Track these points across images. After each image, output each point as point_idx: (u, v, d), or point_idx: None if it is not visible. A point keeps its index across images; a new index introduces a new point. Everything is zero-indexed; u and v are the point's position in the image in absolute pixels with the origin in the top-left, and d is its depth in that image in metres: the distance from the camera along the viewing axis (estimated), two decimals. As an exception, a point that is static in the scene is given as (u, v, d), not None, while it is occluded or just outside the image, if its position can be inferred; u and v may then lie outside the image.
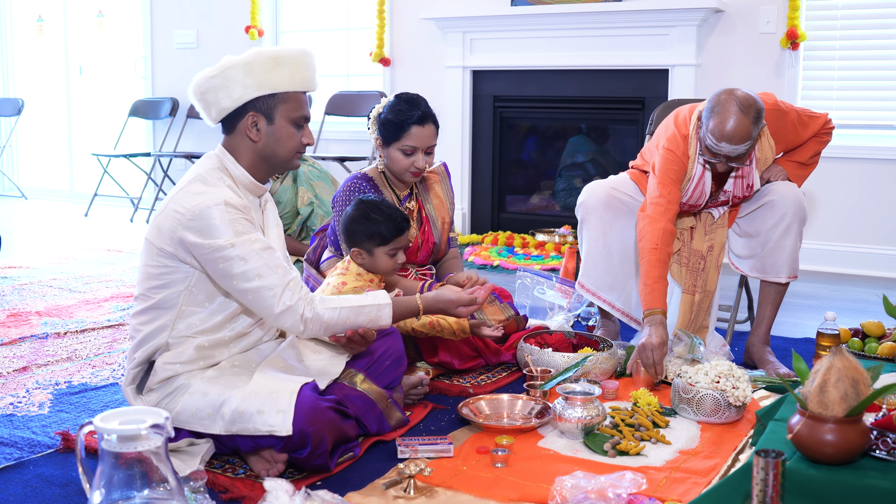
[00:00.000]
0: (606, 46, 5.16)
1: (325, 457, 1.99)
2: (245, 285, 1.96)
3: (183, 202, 1.97)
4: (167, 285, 2.03)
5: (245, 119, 2.05)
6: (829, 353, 1.64)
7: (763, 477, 1.45)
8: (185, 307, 2.05)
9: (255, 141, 2.07)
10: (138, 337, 2.08)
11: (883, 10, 4.59)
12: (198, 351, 2.06)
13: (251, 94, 2.03)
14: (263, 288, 1.97)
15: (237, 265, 1.95)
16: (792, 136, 2.87)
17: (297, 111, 2.09)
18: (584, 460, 2.11)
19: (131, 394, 2.10)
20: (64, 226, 6.31)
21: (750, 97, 2.60)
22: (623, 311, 3.04)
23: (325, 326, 2.06)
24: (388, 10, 5.87)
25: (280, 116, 2.07)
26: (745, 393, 2.33)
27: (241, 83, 2.02)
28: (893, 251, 4.59)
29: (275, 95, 2.05)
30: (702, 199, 2.87)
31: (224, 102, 2.04)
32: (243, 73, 2.01)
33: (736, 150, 2.61)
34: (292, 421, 1.93)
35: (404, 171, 2.78)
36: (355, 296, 2.15)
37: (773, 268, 2.87)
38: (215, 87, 2.03)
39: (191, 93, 2.08)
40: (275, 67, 2.03)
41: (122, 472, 1.36)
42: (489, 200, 5.73)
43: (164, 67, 6.94)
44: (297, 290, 2.01)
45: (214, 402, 1.99)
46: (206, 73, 2.04)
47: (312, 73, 2.13)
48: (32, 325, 3.41)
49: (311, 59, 2.13)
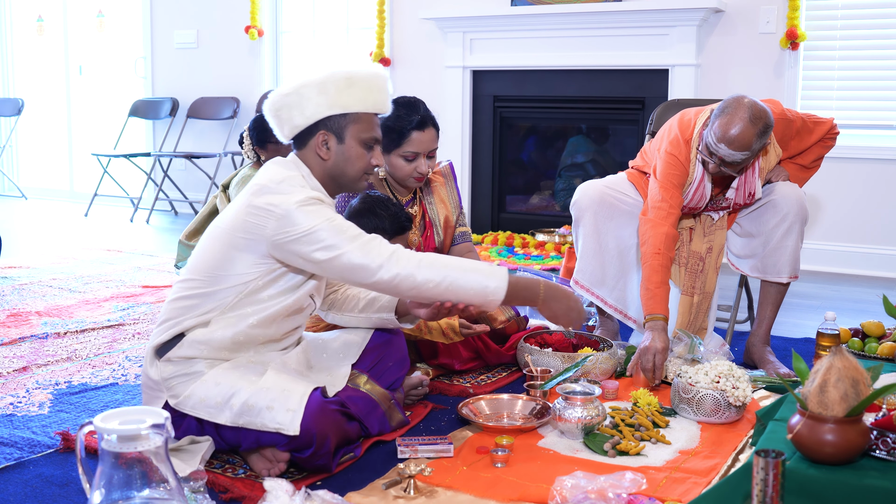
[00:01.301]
0: (606, 46, 5.16)
1: (327, 457, 1.99)
2: (329, 256, 1.95)
3: (270, 200, 1.97)
4: (235, 275, 2.03)
5: (316, 137, 2.08)
6: (829, 353, 1.64)
7: (763, 477, 1.45)
8: (244, 297, 2.05)
9: (324, 159, 2.10)
10: (183, 304, 2.06)
11: (883, 10, 4.59)
12: (232, 339, 2.05)
13: (323, 113, 2.06)
14: (347, 253, 1.95)
15: (325, 238, 1.94)
16: (796, 142, 2.88)
17: (368, 132, 2.11)
18: (584, 460, 2.11)
19: (150, 356, 2.08)
20: (64, 226, 6.31)
21: (763, 109, 2.60)
22: (616, 307, 3.04)
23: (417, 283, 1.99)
24: (388, 10, 5.87)
25: (350, 136, 2.09)
26: (745, 393, 2.33)
27: (314, 101, 2.05)
28: (893, 251, 4.59)
29: (346, 115, 2.08)
30: (702, 203, 2.86)
31: (297, 120, 2.07)
32: (317, 91, 2.04)
33: (732, 156, 2.61)
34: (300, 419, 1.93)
35: (407, 178, 2.74)
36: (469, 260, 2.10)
37: (775, 268, 2.87)
38: (289, 104, 2.06)
39: (266, 109, 2.11)
40: (348, 88, 2.06)
41: (122, 472, 1.36)
42: (489, 200, 5.73)
43: (164, 67, 6.94)
44: (382, 248, 1.98)
45: (225, 392, 2.00)
46: (282, 91, 2.08)
47: (385, 96, 2.14)
48: (32, 325, 3.41)
49: (384, 81, 2.14)
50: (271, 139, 3.72)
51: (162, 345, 2.07)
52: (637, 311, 3.04)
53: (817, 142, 2.90)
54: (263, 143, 3.74)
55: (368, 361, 2.29)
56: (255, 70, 6.54)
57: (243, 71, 6.58)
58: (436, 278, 1.99)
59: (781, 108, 2.84)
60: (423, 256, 2.01)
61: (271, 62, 6.55)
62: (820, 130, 2.88)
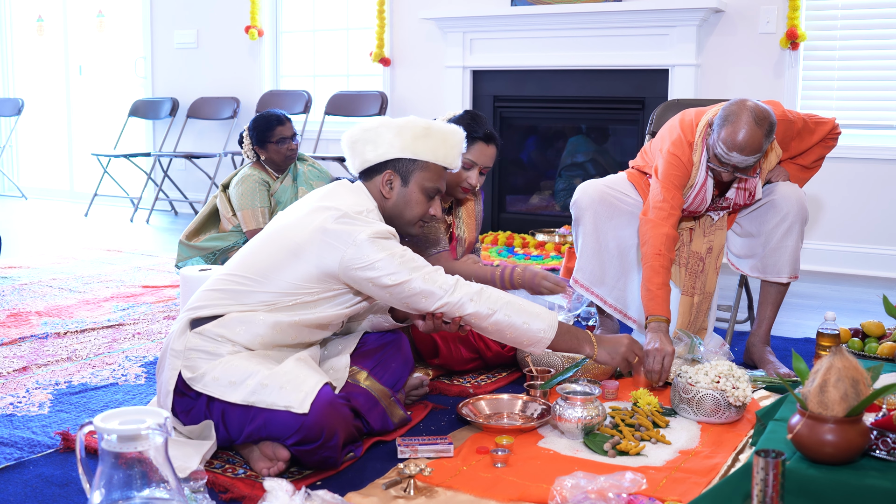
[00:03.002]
0: (606, 46, 5.16)
1: (335, 450, 1.99)
2: (396, 282, 2.04)
3: (351, 230, 2.04)
4: (288, 283, 2.08)
5: (383, 175, 2.17)
6: (829, 353, 1.64)
7: (763, 477, 1.45)
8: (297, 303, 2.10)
9: (386, 197, 2.18)
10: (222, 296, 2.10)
11: (883, 10, 4.59)
12: (269, 331, 2.08)
13: (394, 154, 2.15)
14: (414, 280, 2.04)
15: (388, 270, 2.03)
16: (797, 142, 2.88)
17: (433, 182, 2.19)
18: (584, 460, 2.11)
19: (181, 325, 2.10)
20: (64, 226, 6.31)
21: (765, 110, 2.60)
22: (616, 307, 3.04)
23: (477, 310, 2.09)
24: (388, 10, 5.87)
25: (415, 182, 2.18)
26: (745, 393, 2.33)
27: (389, 141, 2.14)
28: (893, 251, 4.59)
29: (416, 161, 2.17)
30: (702, 206, 2.86)
31: (368, 155, 2.16)
32: (394, 133, 2.14)
33: (745, 161, 2.62)
34: (309, 410, 1.94)
35: (456, 186, 2.79)
36: (523, 301, 2.18)
37: (775, 268, 2.87)
38: (366, 139, 2.16)
39: (344, 140, 2.21)
40: (424, 137, 2.15)
41: (122, 472, 1.36)
42: (489, 200, 5.73)
43: (164, 67, 6.94)
44: (447, 277, 2.09)
45: (241, 373, 2.01)
46: (364, 126, 2.18)
47: (457, 153, 2.22)
48: (32, 325, 3.41)
49: (460, 139, 2.22)
50: (271, 139, 3.73)
51: (199, 320, 2.10)
52: (637, 311, 3.04)
53: (819, 142, 2.90)
54: (263, 142, 3.74)
55: (371, 361, 2.29)
56: (255, 70, 6.54)
57: (243, 71, 6.58)
58: (493, 308, 2.10)
59: (783, 110, 2.84)
60: (481, 289, 2.11)
61: (271, 62, 6.55)
62: (821, 131, 2.88)
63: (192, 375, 2.04)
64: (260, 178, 3.74)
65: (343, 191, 2.18)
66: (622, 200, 3.01)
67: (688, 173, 2.81)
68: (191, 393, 2.06)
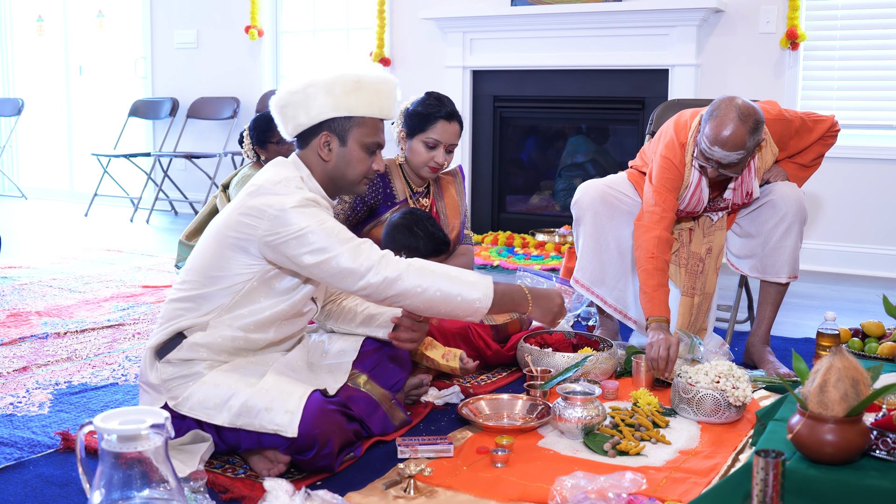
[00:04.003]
0: (606, 46, 5.16)
1: (330, 458, 1.98)
2: (317, 260, 1.95)
3: (265, 202, 1.97)
4: (229, 276, 2.03)
5: (319, 137, 2.08)
6: (829, 353, 1.64)
7: (763, 477, 1.45)
8: (240, 299, 2.04)
9: (325, 160, 2.10)
10: (181, 305, 2.06)
11: (883, 10, 4.59)
12: (231, 342, 2.05)
13: (328, 114, 2.06)
14: (336, 256, 1.94)
15: (315, 241, 1.94)
16: (795, 141, 2.88)
17: (371, 137, 2.11)
18: (584, 460, 2.11)
19: (149, 357, 2.08)
20: (64, 226, 6.31)
21: (751, 107, 2.60)
22: (616, 307, 3.04)
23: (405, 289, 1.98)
24: (388, 10, 5.87)
25: (353, 140, 2.09)
26: (745, 393, 2.33)
27: (320, 102, 2.04)
28: (893, 251, 4.59)
29: (351, 118, 2.08)
30: (699, 207, 2.86)
31: (301, 118, 2.07)
32: (324, 92, 2.04)
33: (728, 157, 2.61)
34: (299, 423, 1.92)
35: (423, 165, 2.83)
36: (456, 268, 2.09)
37: (774, 268, 2.87)
38: (295, 102, 2.06)
39: (272, 105, 2.11)
40: (355, 91, 2.06)
41: (122, 472, 1.36)
42: (489, 200, 5.73)
43: (164, 67, 6.94)
44: (372, 253, 1.98)
45: (224, 393, 1.99)
46: (289, 88, 2.07)
47: (393, 103, 2.14)
48: (32, 325, 3.41)
49: (393, 87, 2.13)
50: (271, 139, 3.72)
51: (161, 346, 2.07)
52: (637, 312, 3.04)
53: (817, 140, 2.90)
54: (264, 142, 3.74)
55: (370, 362, 2.29)
56: (255, 70, 6.54)
57: (243, 71, 6.58)
58: (422, 284, 1.98)
59: (779, 109, 2.84)
60: (411, 262, 2.01)
61: (271, 62, 6.55)
62: (820, 129, 2.88)
63: (176, 402, 2.03)
64: (260, 178, 3.73)
65: (267, 167, 2.12)
66: (622, 201, 3.01)
67: (680, 175, 2.81)
68: (178, 414, 2.04)
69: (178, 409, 2.02)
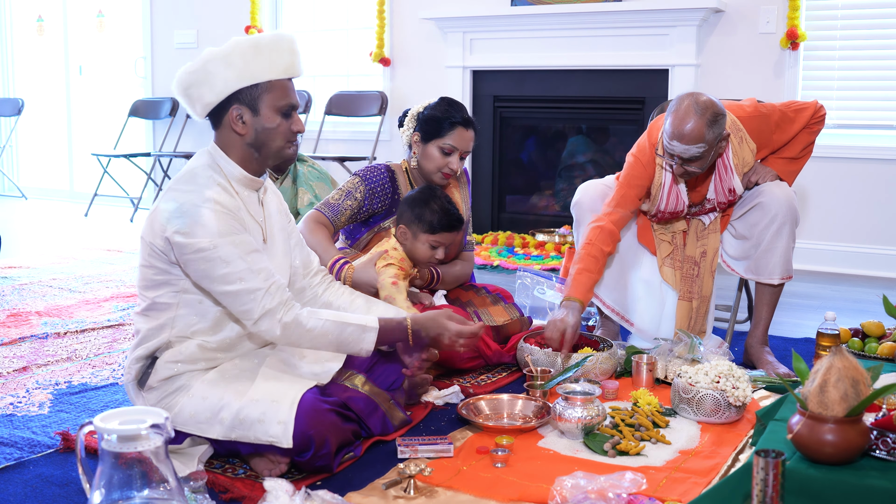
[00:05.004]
0: (606, 46, 5.16)
1: (328, 458, 1.98)
2: (225, 288, 1.93)
3: (170, 199, 1.95)
4: (162, 284, 2.02)
5: (230, 112, 2.00)
6: (829, 353, 1.64)
7: (763, 477, 1.45)
8: (182, 307, 2.03)
9: (241, 134, 2.01)
10: (140, 334, 2.06)
11: (883, 10, 4.59)
12: (200, 350, 2.04)
13: (233, 87, 1.97)
14: (243, 291, 1.93)
15: (219, 267, 1.91)
16: (778, 135, 2.87)
17: (283, 100, 2.01)
18: (584, 460, 2.11)
19: (133, 390, 2.08)
20: (64, 226, 6.31)
21: (709, 101, 2.62)
22: (613, 308, 3.04)
23: (304, 334, 2.00)
24: (388, 10, 5.87)
25: (265, 107, 2.00)
26: (745, 393, 2.33)
27: (222, 76, 1.96)
28: (893, 251, 4.59)
29: (257, 86, 1.99)
30: (680, 206, 2.87)
31: (207, 97, 1.99)
32: (223, 65, 1.95)
33: (688, 151, 2.62)
34: (294, 425, 1.91)
35: (436, 171, 2.81)
36: (344, 313, 2.11)
37: (766, 269, 2.87)
38: (197, 81, 1.98)
39: (174, 89, 2.03)
40: (255, 57, 1.96)
41: (122, 472, 1.36)
42: (489, 200, 5.73)
43: (164, 67, 6.94)
44: (279, 295, 1.96)
45: (213, 406, 1.98)
46: (188, 68, 1.99)
47: (295, 58, 2.03)
48: (32, 325, 3.41)
49: (291, 43, 2.03)
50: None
51: (139, 378, 2.06)
52: (636, 315, 3.04)
53: (803, 129, 2.88)
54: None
55: (367, 362, 2.28)
56: (255, 70, 6.53)
57: (243, 71, 6.57)
58: (304, 340, 2.02)
59: (755, 104, 2.85)
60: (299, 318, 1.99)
61: (271, 62, 6.54)
62: (803, 117, 2.86)
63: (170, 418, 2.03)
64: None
65: (187, 164, 2.08)
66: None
67: (646, 174, 2.85)
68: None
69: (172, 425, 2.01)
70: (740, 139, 2.82)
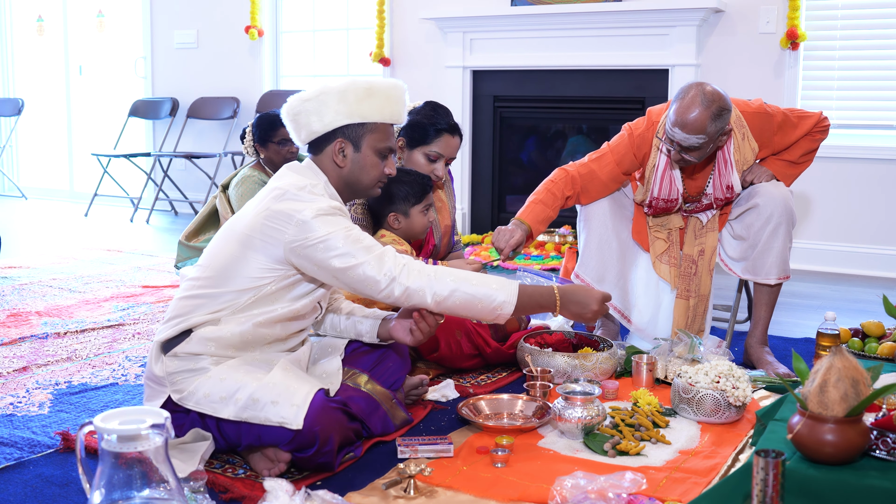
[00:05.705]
0: (606, 46, 5.16)
1: (330, 455, 1.99)
2: (344, 265, 1.99)
3: (291, 207, 2.01)
4: (248, 278, 2.05)
5: (333, 144, 2.12)
6: (829, 353, 1.64)
7: (763, 477, 1.45)
8: (256, 301, 2.06)
9: (340, 166, 2.14)
10: (193, 302, 2.07)
11: (883, 10, 4.59)
12: (240, 337, 2.06)
13: (342, 121, 2.10)
14: (362, 264, 1.99)
15: (334, 249, 1.98)
16: (779, 137, 2.87)
17: (384, 142, 2.16)
18: (584, 460, 2.11)
19: (155, 351, 2.08)
20: (64, 226, 6.31)
21: (717, 93, 2.62)
22: (615, 306, 3.04)
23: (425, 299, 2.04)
24: (388, 10, 5.87)
25: (367, 145, 2.14)
26: (745, 393, 2.33)
27: (334, 109, 2.09)
28: (893, 251, 4.59)
29: (364, 125, 2.12)
30: (674, 194, 2.87)
31: (315, 126, 2.11)
32: (337, 99, 2.08)
33: (688, 140, 2.63)
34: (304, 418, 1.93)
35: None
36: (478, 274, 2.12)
37: (763, 270, 2.87)
38: (308, 110, 2.10)
39: (284, 113, 2.15)
40: (367, 98, 2.10)
41: (122, 472, 1.36)
42: (489, 200, 5.73)
43: (164, 67, 6.94)
44: (395, 263, 2.02)
45: (230, 387, 2.00)
46: (302, 96, 2.11)
47: (402, 108, 2.18)
48: (32, 325, 3.41)
49: (402, 93, 2.18)
50: (273, 138, 3.72)
51: (168, 341, 2.07)
52: (637, 314, 3.04)
53: (804, 136, 2.89)
54: (265, 141, 3.74)
55: (369, 361, 2.29)
56: (255, 70, 6.54)
57: (243, 71, 6.58)
58: (442, 293, 2.04)
59: (761, 103, 2.86)
60: (433, 270, 2.05)
61: (271, 62, 6.55)
62: (806, 124, 2.87)
63: (181, 396, 2.03)
64: (260, 179, 3.73)
65: (286, 171, 2.15)
66: (624, 205, 3.03)
67: (631, 145, 2.90)
68: (181, 410, 2.04)
69: (184, 403, 2.02)
70: (743, 136, 2.83)
